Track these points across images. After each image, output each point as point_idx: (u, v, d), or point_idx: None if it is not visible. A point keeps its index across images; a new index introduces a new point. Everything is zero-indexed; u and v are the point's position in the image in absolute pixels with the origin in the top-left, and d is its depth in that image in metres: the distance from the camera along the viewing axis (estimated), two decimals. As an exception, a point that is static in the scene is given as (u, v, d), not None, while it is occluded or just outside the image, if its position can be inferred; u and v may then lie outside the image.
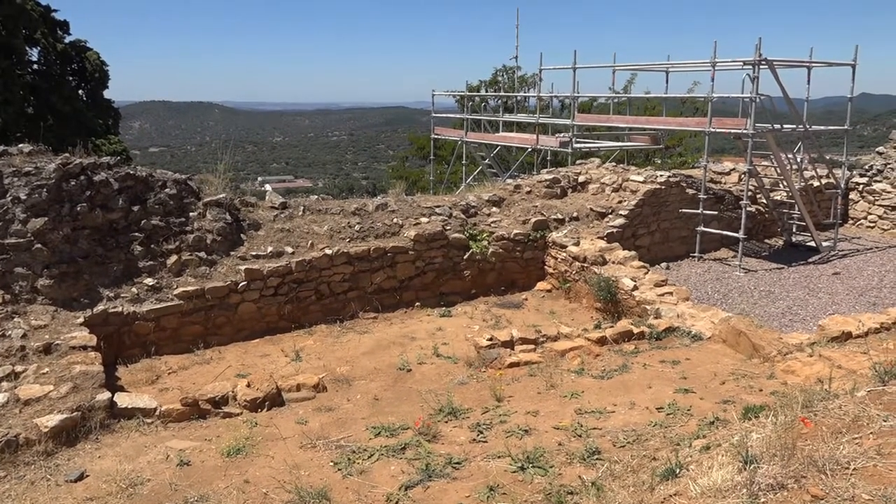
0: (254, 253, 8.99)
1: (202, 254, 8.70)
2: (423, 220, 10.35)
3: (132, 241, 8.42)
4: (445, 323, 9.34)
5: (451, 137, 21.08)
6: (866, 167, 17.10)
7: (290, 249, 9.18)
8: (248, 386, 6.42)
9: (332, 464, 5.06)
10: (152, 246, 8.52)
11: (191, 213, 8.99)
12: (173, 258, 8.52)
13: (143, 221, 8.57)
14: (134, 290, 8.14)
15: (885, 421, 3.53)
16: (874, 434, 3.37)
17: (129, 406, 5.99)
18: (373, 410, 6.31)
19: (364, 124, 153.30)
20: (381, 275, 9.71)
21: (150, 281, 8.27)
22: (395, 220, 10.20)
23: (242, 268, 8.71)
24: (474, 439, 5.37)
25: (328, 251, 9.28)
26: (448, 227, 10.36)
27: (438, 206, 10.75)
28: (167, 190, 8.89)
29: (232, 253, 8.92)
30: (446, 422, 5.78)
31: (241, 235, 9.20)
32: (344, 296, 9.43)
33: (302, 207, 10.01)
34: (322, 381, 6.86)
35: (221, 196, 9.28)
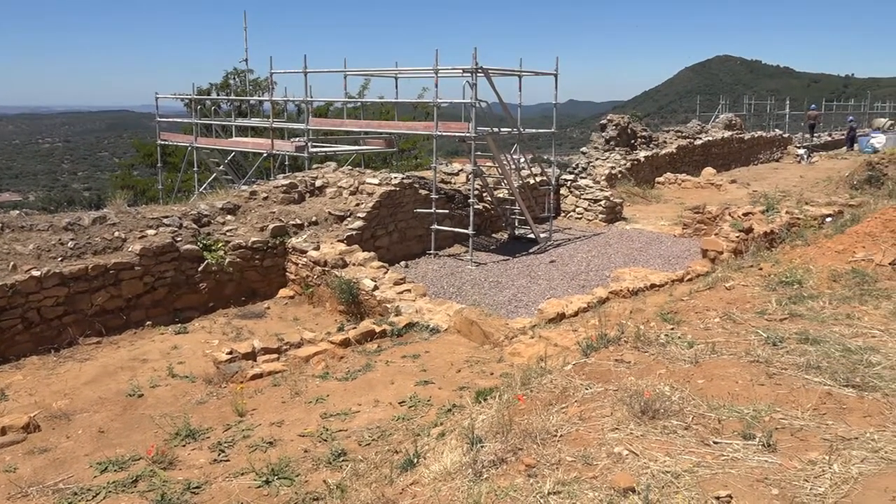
0: (-63, 281, 7.68)
1: None
2: (150, 232, 9.62)
3: None
4: (181, 340, 8.78)
5: (180, 143, 19.90)
6: (574, 165, 19.34)
7: (-14, 274, 7.98)
8: (-64, 438, 5.47)
9: (48, 512, 4.50)
10: None
11: None
12: None
13: None
14: None
15: (587, 389, 3.99)
16: (578, 402, 3.80)
17: None
18: (98, 444, 5.72)
19: (82, 130, 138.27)
20: (104, 294, 8.84)
21: None
22: (116, 233, 9.34)
23: (-77, 299, 7.40)
24: (215, 459, 5.12)
25: (35, 273, 8.22)
26: (179, 239, 9.75)
27: (167, 217, 10.06)
28: None
29: None
30: (184, 445, 5.44)
31: (-80, 261, 7.81)
32: (59, 321, 8.43)
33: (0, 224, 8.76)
34: (34, 419, 6.06)
35: None
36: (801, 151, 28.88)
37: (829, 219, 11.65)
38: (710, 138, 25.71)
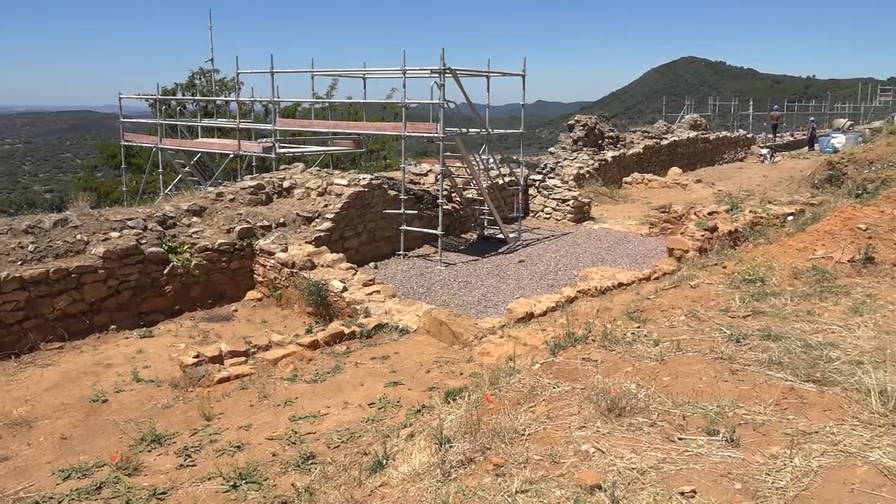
0: None
1: None
2: (114, 234, 9.46)
3: None
4: (147, 344, 8.66)
5: (144, 144, 19.61)
6: (542, 166, 19.44)
7: (-58, 279, 7.78)
8: None
9: (8, 522, 4.40)
10: None
11: None
12: None
13: None
14: None
15: (554, 388, 4.01)
16: (545, 401, 3.82)
17: None
18: (61, 451, 5.62)
19: (43, 130, 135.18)
20: (66, 298, 8.67)
21: None
22: (78, 236, 9.17)
23: None
24: (182, 465, 5.05)
25: (-6, 277, 8.05)
26: (144, 241, 9.60)
27: (131, 219, 9.90)
28: None
29: None
30: (150, 451, 5.36)
31: None
32: (19, 326, 8.25)
33: (-43, 228, 8.55)
34: (-7, 428, 5.93)
35: None
36: (765, 151, 29.43)
37: (790, 217, 11.88)
38: (676, 138, 26.05)
